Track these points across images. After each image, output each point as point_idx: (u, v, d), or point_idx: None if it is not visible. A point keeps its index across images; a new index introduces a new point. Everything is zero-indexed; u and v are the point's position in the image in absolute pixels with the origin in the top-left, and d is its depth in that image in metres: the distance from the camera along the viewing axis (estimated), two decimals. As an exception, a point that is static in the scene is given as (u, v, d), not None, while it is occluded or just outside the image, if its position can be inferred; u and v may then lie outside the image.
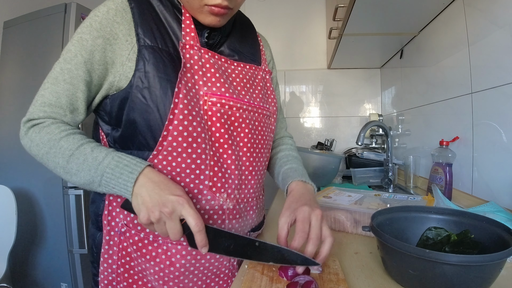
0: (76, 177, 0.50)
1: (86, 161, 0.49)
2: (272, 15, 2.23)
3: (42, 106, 0.52)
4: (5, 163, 1.75)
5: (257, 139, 0.64)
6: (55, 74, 0.53)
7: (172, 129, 0.51)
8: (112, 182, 0.49)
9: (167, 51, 0.54)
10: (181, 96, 0.52)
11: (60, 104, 0.52)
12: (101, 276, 0.60)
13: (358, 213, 0.75)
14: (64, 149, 0.50)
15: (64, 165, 0.50)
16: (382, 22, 1.29)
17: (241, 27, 0.69)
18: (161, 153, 0.52)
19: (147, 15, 0.54)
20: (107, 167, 0.49)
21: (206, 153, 0.55)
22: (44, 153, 0.51)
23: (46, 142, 0.51)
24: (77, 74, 0.52)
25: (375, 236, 0.52)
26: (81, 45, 0.52)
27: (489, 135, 0.89)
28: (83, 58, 0.52)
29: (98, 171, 0.49)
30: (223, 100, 0.57)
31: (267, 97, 0.69)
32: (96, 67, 0.53)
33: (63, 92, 0.52)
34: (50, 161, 0.51)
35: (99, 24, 0.52)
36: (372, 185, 1.43)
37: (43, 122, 0.52)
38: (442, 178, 1.02)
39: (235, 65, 0.64)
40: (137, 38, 0.53)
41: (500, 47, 0.83)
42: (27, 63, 1.71)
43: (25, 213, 1.63)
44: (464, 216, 0.57)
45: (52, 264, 1.68)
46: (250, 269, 0.54)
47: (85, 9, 1.69)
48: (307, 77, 2.20)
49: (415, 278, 0.45)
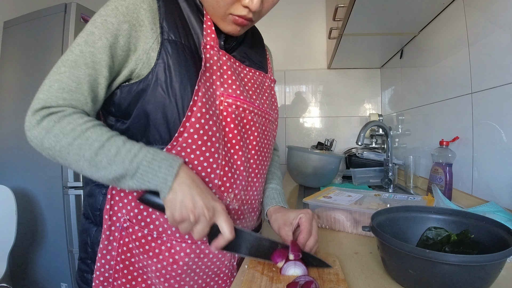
0: (105, 170, 0.46)
1: (119, 153, 0.46)
2: (272, 15, 2.22)
3: (60, 92, 0.47)
4: (5, 163, 1.75)
5: (263, 143, 0.65)
6: (74, 57, 0.48)
7: (189, 126, 0.51)
8: (149, 175, 0.47)
9: (189, 47, 0.54)
10: (200, 94, 0.52)
11: (81, 90, 0.48)
12: (96, 273, 0.58)
13: (358, 213, 0.75)
14: (93, 140, 0.46)
15: (91, 157, 0.46)
16: (382, 22, 1.29)
17: (252, 35, 0.71)
18: (175, 148, 0.52)
19: (172, 9, 0.54)
20: (144, 160, 0.47)
21: (219, 152, 0.55)
22: (65, 145, 0.46)
23: (69, 132, 0.46)
24: (100, 58, 0.49)
25: (375, 236, 0.52)
26: (106, 28, 0.49)
27: (489, 135, 0.89)
28: (108, 41, 0.49)
29: (134, 163, 0.46)
30: (238, 102, 0.59)
31: (271, 103, 0.71)
32: (119, 53, 0.50)
33: (85, 78, 0.48)
34: (72, 153, 0.46)
35: (126, 8, 0.49)
36: (372, 185, 1.43)
37: (63, 111, 0.47)
38: (442, 178, 1.02)
39: (247, 70, 0.65)
40: (161, 31, 0.52)
41: (500, 47, 0.83)
42: (27, 63, 1.71)
43: (25, 213, 1.63)
44: (464, 216, 0.57)
45: (52, 264, 1.68)
46: (250, 269, 0.54)
47: (85, 9, 1.69)
48: (307, 77, 2.20)
49: (415, 278, 0.45)
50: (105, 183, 0.51)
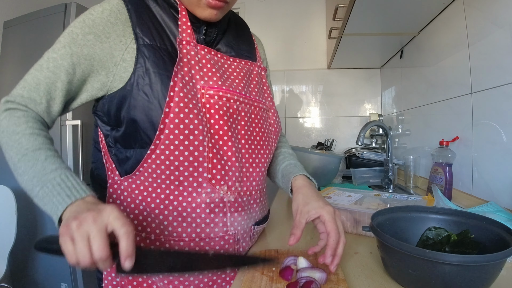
0: (20, 178, 0.48)
1: (34, 167, 0.47)
2: (272, 15, 2.23)
3: (21, 89, 0.52)
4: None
5: (254, 131, 0.65)
6: (41, 62, 0.53)
7: (169, 122, 0.52)
8: (46, 198, 0.44)
9: (165, 49, 0.55)
10: (176, 89, 0.52)
11: (38, 89, 0.52)
12: (105, 282, 0.60)
13: (358, 213, 0.75)
14: (21, 147, 0.48)
15: (15, 162, 0.48)
16: (382, 22, 1.29)
17: (236, 25, 0.71)
18: (159, 147, 0.52)
19: (144, 15, 0.55)
20: (50, 182, 0.45)
21: (204, 145, 0.55)
22: (3, 142, 0.50)
23: (10, 133, 0.49)
24: (61, 64, 0.52)
25: (375, 236, 0.52)
26: (71, 38, 0.52)
27: (489, 135, 0.89)
28: (70, 50, 0.52)
29: (40, 181, 0.45)
30: (220, 92, 0.58)
31: (263, 92, 0.71)
32: (82, 61, 0.53)
33: (44, 80, 0.52)
34: (6, 151, 0.50)
35: (92, 21, 0.53)
36: (372, 185, 1.43)
37: (17, 109, 0.51)
38: (442, 178, 1.02)
39: (231, 60, 0.65)
40: (136, 37, 0.53)
41: (500, 47, 0.83)
42: (27, 63, 1.69)
43: (25, 213, 1.63)
44: (464, 216, 0.57)
45: (52, 264, 1.67)
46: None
47: (85, 9, 1.68)
48: (307, 77, 2.20)
49: (415, 278, 0.45)
50: None
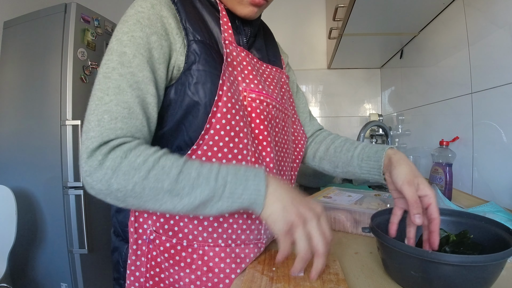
0: (189, 197, 0.41)
1: (201, 175, 0.42)
2: (272, 15, 2.23)
3: (113, 123, 0.42)
4: (5, 163, 1.75)
5: (283, 139, 0.64)
6: (115, 82, 0.43)
7: (215, 122, 0.48)
8: (239, 189, 0.42)
9: (213, 46, 0.53)
10: (225, 88, 0.50)
11: (135, 114, 0.44)
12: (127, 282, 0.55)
13: (358, 213, 0.75)
14: (169, 168, 0.41)
15: (171, 187, 0.41)
16: (382, 22, 1.29)
17: (264, 31, 0.71)
18: (201, 147, 0.49)
19: (190, 10, 0.53)
20: (228, 175, 0.42)
21: (248, 149, 0.52)
22: (138, 180, 0.40)
23: (141, 165, 0.41)
24: (142, 76, 0.45)
25: (375, 236, 0.52)
26: (136, 44, 0.45)
27: (489, 135, 0.89)
28: (144, 57, 0.45)
29: (219, 180, 0.42)
30: (262, 97, 0.56)
31: (288, 99, 0.70)
32: (157, 66, 0.47)
33: (133, 100, 0.44)
34: (149, 188, 0.41)
35: (148, 20, 0.47)
36: (372, 185, 1.43)
37: (126, 143, 0.42)
38: (442, 178, 1.02)
39: (264, 66, 0.65)
40: (186, 33, 0.50)
41: (500, 47, 0.83)
42: (27, 63, 1.70)
43: (25, 213, 1.63)
44: (463, 216, 0.57)
45: (52, 264, 1.67)
46: (250, 269, 0.54)
47: (85, 9, 1.69)
48: (307, 77, 2.20)
49: (416, 279, 0.45)
50: (188, 213, 0.46)
